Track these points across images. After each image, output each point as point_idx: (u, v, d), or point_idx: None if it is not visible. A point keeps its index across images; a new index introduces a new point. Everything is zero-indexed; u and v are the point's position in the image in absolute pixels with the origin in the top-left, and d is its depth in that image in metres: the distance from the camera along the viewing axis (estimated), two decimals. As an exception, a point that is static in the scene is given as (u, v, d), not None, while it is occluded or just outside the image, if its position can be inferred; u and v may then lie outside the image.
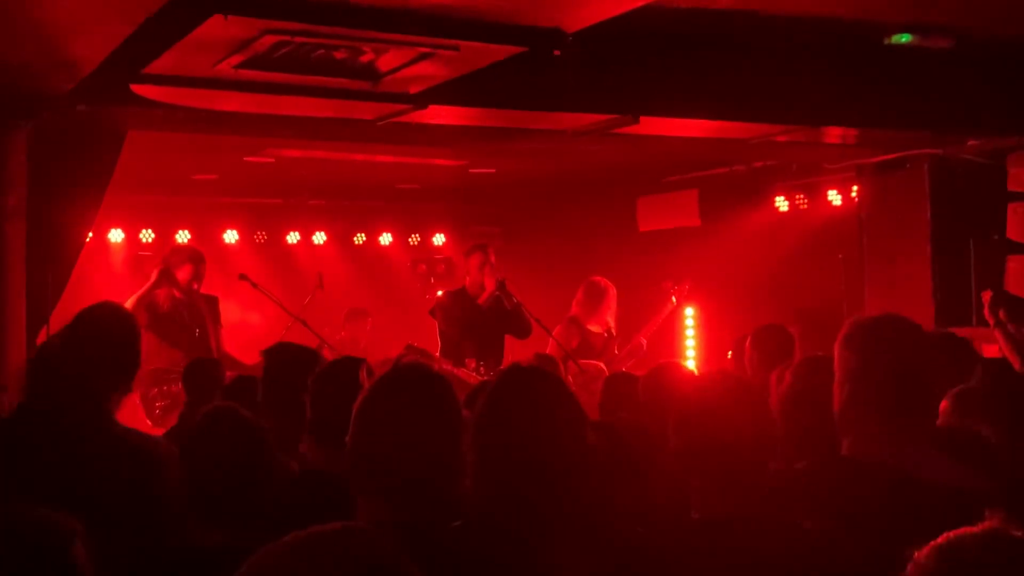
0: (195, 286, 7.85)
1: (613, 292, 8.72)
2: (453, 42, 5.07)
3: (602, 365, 8.32)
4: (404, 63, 5.35)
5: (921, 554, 1.39)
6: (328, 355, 7.77)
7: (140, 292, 7.80)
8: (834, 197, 9.78)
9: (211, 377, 5.76)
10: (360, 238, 12.60)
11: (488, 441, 2.66)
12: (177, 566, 2.93)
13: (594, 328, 8.67)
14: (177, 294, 7.78)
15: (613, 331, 8.79)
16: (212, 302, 7.96)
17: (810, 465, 3.03)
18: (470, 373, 7.74)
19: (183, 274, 7.82)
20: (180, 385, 7.50)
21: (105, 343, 3.57)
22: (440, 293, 10.80)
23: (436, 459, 2.64)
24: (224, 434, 3.10)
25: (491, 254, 8.48)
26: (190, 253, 8.07)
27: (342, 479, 2.71)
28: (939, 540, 1.40)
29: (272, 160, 9.12)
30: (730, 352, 6.41)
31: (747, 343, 5.78)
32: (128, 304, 7.64)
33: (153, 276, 7.89)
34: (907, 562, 1.43)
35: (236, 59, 5.17)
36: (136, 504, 3.25)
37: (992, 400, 3.92)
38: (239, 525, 2.95)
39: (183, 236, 11.27)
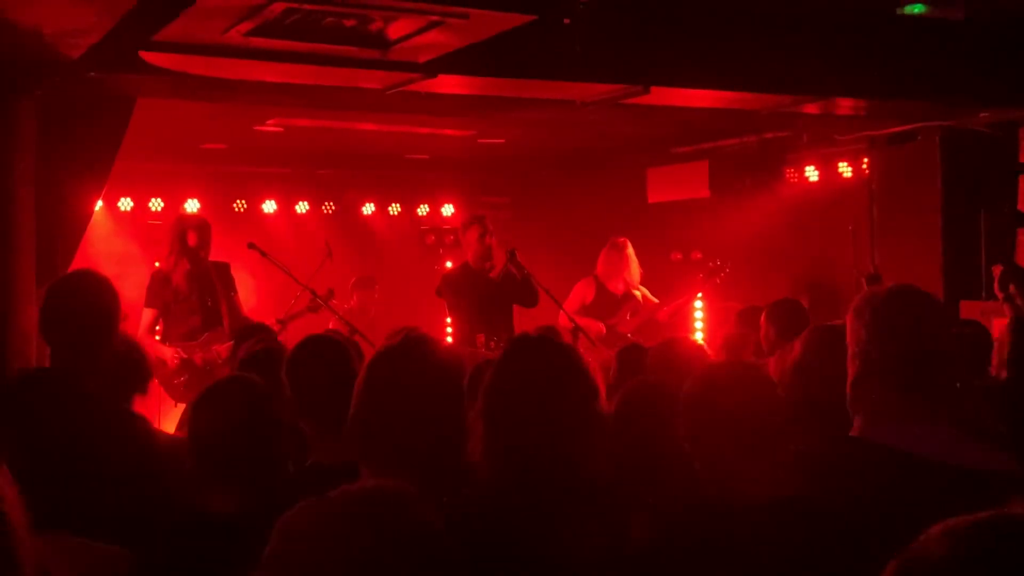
0: (202, 254, 7.83)
1: (627, 252, 9.00)
2: (463, 10, 5.05)
3: (602, 326, 8.65)
4: (413, 31, 5.33)
5: (926, 536, 1.31)
6: (337, 327, 7.85)
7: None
8: (844, 169, 9.74)
9: None
10: (369, 208, 12.60)
11: (497, 410, 2.65)
12: (189, 533, 2.94)
13: (613, 287, 8.94)
14: (186, 264, 7.73)
15: (633, 293, 9.02)
16: (222, 269, 7.88)
17: (820, 445, 2.93)
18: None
19: (189, 243, 7.79)
20: (198, 356, 7.55)
21: (86, 310, 3.59)
22: (449, 264, 10.81)
23: (438, 428, 2.64)
24: (234, 401, 3.10)
25: (488, 224, 8.45)
26: (193, 221, 8.01)
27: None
28: (947, 522, 1.31)
29: (281, 129, 9.11)
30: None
31: (762, 318, 5.78)
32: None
33: (165, 249, 7.89)
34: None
35: (246, 26, 5.15)
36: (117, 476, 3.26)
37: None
38: (251, 492, 2.96)
39: (192, 205, 11.27)
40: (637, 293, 9.10)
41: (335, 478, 1.90)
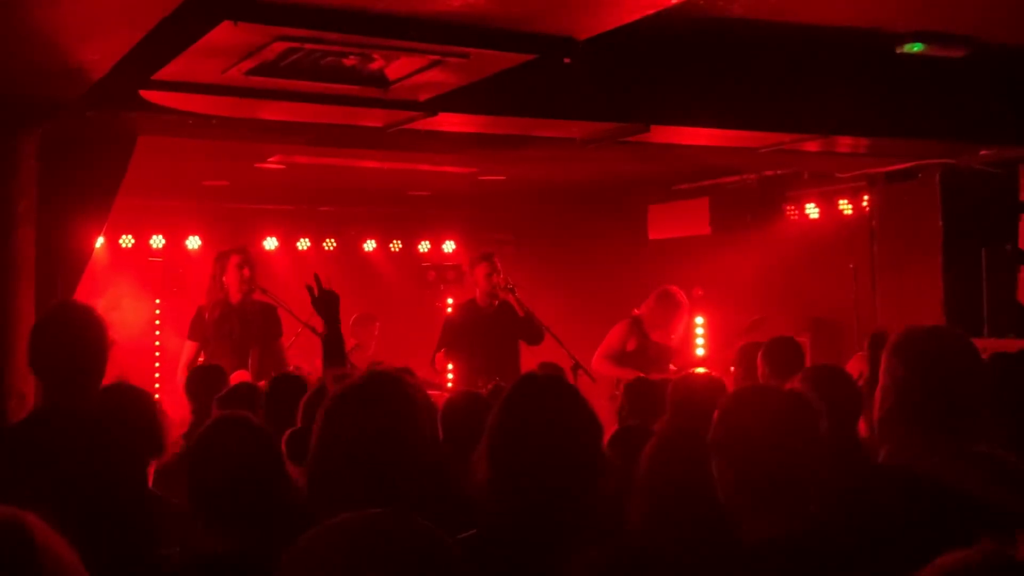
0: (244, 288, 7.66)
1: (687, 309, 8.44)
2: (463, 49, 5.06)
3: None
4: (414, 70, 5.34)
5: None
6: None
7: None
8: (845, 206, 9.76)
9: (209, 385, 5.69)
10: (370, 244, 12.60)
11: (502, 451, 2.65)
12: (186, 573, 2.92)
13: (656, 337, 8.42)
14: (224, 301, 7.65)
15: (672, 347, 8.54)
16: (268, 311, 7.74)
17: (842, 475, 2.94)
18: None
19: (230, 278, 7.69)
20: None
21: (75, 343, 3.57)
22: (450, 301, 10.78)
23: (396, 466, 2.55)
24: (233, 440, 3.09)
25: (496, 262, 8.39)
26: (236, 257, 7.82)
27: None
28: (934, 563, 1.32)
29: (282, 166, 9.12)
30: (732, 367, 6.38)
31: (759, 356, 5.77)
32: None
33: (207, 283, 7.77)
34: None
35: (246, 65, 5.17)
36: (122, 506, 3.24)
37: None
38: (248, 531, 2.94)
39: (194, 242, 11.27)
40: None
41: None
